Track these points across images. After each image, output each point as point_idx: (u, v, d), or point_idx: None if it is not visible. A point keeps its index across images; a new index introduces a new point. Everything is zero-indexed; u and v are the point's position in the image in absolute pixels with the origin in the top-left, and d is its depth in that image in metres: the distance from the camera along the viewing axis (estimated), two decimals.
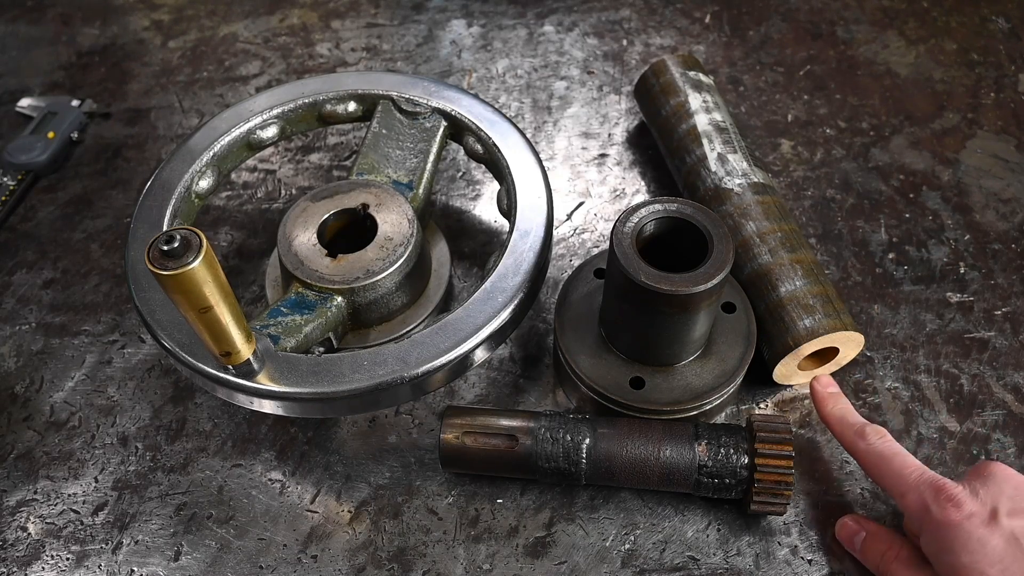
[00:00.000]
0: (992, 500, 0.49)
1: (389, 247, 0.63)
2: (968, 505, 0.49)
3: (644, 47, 0.95)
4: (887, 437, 0.56)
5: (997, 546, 0.48)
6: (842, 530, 0.58)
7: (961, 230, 0.76)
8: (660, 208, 0.57)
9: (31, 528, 0.61)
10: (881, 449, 0.55)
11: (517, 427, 0.58)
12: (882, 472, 0.54)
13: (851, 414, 0.58)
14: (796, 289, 0.62)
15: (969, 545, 0.48)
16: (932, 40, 0.94)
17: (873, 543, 0.56)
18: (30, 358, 0.71)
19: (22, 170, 0.83)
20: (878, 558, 0.55)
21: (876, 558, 0.55)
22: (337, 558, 0.59)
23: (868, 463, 0.55)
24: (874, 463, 0.55)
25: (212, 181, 0.69)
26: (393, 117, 0.72)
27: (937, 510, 0.50)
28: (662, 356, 0.60)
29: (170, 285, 0.44)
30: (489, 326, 0.57)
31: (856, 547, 0.57)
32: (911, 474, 0.52)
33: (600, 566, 0.58)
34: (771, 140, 0.84)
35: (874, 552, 0.55)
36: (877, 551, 0.55)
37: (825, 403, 0.60)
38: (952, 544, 0.49)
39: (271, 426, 0.65)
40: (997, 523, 0.48)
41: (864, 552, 0.56)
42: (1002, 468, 0.51)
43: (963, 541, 0.48)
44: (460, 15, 0.99)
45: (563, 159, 0.84)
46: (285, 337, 0.58)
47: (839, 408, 0.59)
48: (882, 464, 0.54)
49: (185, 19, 1.02)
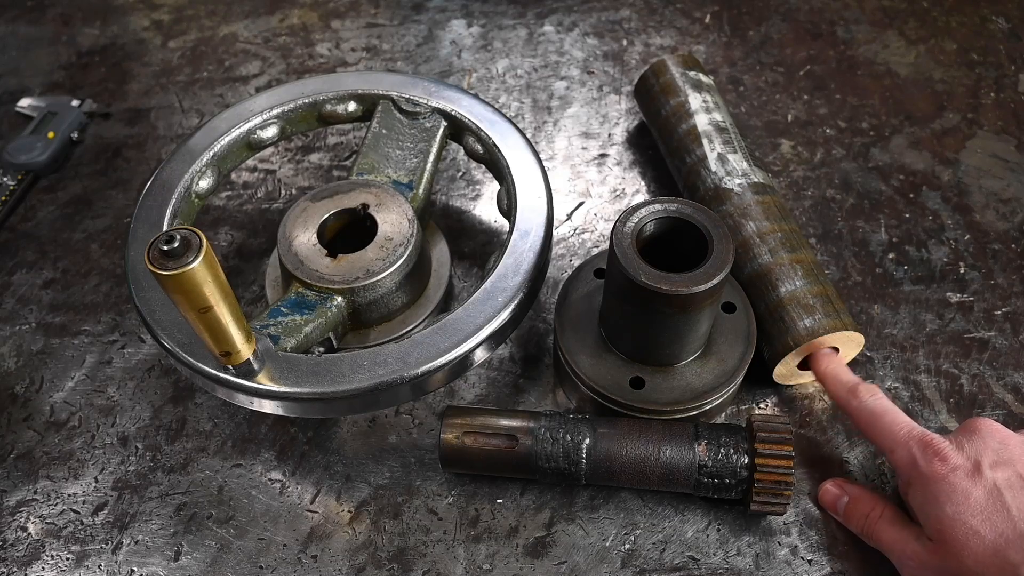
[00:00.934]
0: (977, 453, 0.51)
1: (389, 247, 0.63)
2: (953, 458, 0.51)
3: (644, 47, 0.95)
4: (879, 394, 0.57)
5: (979, 497, 0.50)
6: (825, 496, 0.59)
7: (961, 230, 0.76)
8: (660, 208, 0.57)
9: (31, 528, 0.61)
10: (872, 406, 0.56)
11: (517, 427, 0.58)
12: (873, 428, 0.56)
13: (844, 372, 0.59)
14: (796, 289, 0.62)
15: (954, 497, 0.50)
16: (932, 40, 0.94)
17: (856, 506, 0.57)
18: (30, 358, 0.71)
19: (22, 170, 0.83)
20: (862, 520, 0.56)
21: (860, 520, 0.56)
22: (337, 558, 0.59)
23: (860, 420, 0.57)
24: (866, 420, 0.56)
25: (212, 181, 0.69)
26: (393, 117, 0.72)
27: (924, 464, 0.52)
28: (662, 356, 0.60)
29: (170, 285, 0.44)
30: (489, 326, 0.57)
31: (839, 511, 0.58)
32: (900, 430, 0.54)
33: (600, 566, 0.58)
34: (771, 140, 0.84)
35: (857, 514, 0.56)
36: (860, 513, 0.56)
37: (819, 361, 0.61)
38: (938, 496, 0.51)
39: (271, 426, 0.65)
40: (981, 475, 0.50)
41: (848, 516, 0.57)
42: (988, 423, 0.53)
43: (948, 493, 0.50)
44: (460, 15, 0.99)
45: (563, 159, 0.84)
46: (285, 337, 0.58)
47: (833, 366, 0.60)
48: (873, 421, 0.56)
49: (185, 19, 1.02)
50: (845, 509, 0.57)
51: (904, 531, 0.54)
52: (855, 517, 0.57)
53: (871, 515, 0.56)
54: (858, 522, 0.56)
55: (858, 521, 0.56)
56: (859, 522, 0.56)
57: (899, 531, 0.54)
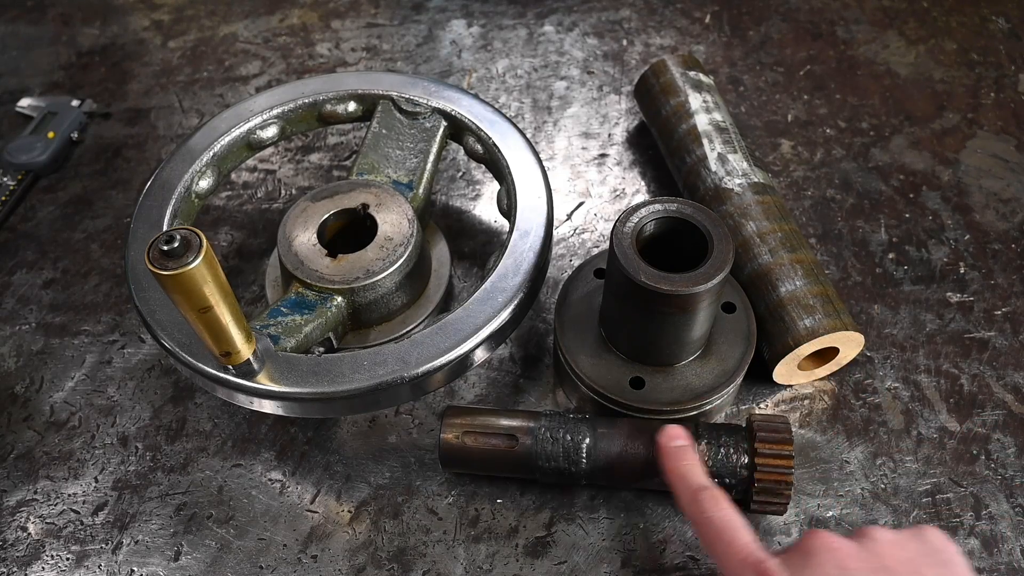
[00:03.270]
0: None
1: (389, 247, 0.63)
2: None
3: (644, 47, 0.95)
4: (721, 504, 0.51)
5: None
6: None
7: (961, 230, 0.76)
8: (660, 208, 0.57)
9: (31, 528, 0.61)
10: (714, 518, 0.50)
11: (517, 427, 0.58)
12: (713, 544, 0.50)
13: (692, 474, 0.53)
14: (796, 289, 0.62)
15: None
16: (932, 40, 0.94)
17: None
18: (30, 358, 0.71)
19: (22, 170, 0.83)
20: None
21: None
22: (337, 558, 0.59)
23: (699, 531, 0.52)
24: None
25: (212, 181, 0.69)
26: (393, 117, 0.72)
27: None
28: (662, 356, 0.60)
29: (170, 285, 0.44)
30: (489, 326, 0.57)
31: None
32: (737, 553, 0.48)
33: (600, 566, 0.58)
34: (771, 140, 0.84)
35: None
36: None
37: (668, 458, 0.55)
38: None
39: (271, 426, 0.65)
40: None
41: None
42: (825, 541, 0.47)
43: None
44: (460, 15, 0.99)
45: (563, 159, 0.84)
46: (285, 337, 0.58)
47: (683, 466, 0.54)
48: (714, 536, 0.50)
49: (185, 19, 1.02)
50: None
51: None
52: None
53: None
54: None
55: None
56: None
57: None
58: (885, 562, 0.46)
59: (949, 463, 0.62)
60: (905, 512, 0.59)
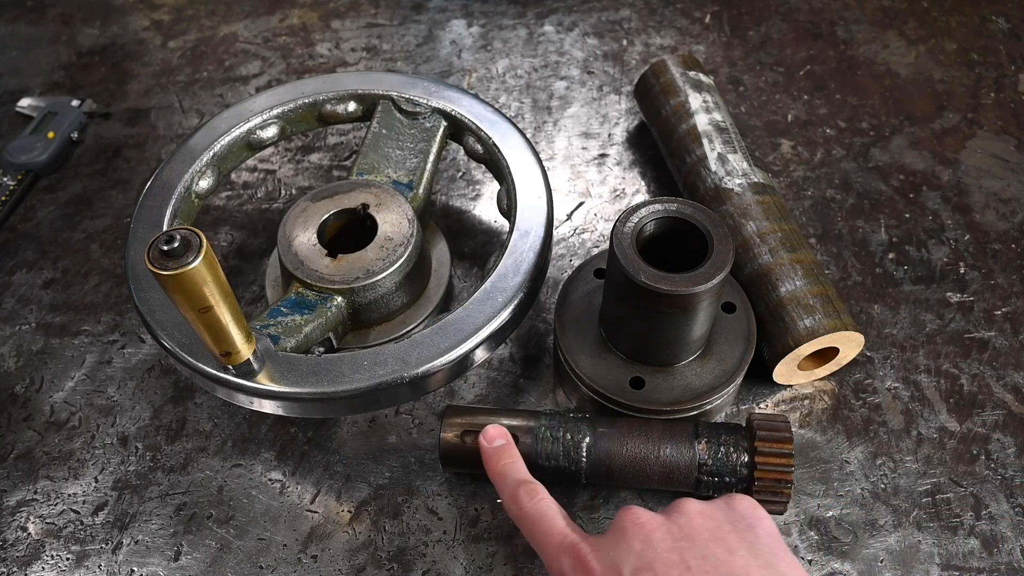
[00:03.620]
0: (619, 560, 0.46)
1: (389, 247, 0.63)
2: (596, 570, 0.46)
3: (644, 47, 0.95)
4: (539, 497, 0.52)
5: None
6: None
7: (961, 230, 0.76)
8: (660, 208, 0.57)
9: (31, 528, 0.61)
10: (530, 511, 0.51)
11: (517, 426, 0.58)
12: (532, 536, 0.51)
13: (513, 471, 0.54)
14: (796, 289, 0.62)
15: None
16: (932, 40, 0.94)
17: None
18: (30, 358, 0.71)
19: (22, 170, 0.83)
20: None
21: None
22: (337, 558, 0.59)
23: (522, 525, 0.52)
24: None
25: (212, 181, 0.69)
26: (393, 117, 0.72)
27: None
28: (662, 356, 0.60)
29: (170, 285, 0.44)
30: (489, 326, 0.57)
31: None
32: (553, 539, 0.49)
33: None
34: (771, 140, 0.84)
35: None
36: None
37: (490, 460, 0.55)
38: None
39: (271, 426, 0.65)
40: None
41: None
42: (634, 517, 0.49)
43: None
44: (460, 15, 0.99)
45: (563, 159, 0.84)
46: (285, 337, 0.58)
47: (502, 464, 0.55)
48: (532, 527, 0.51)
49: (185, 19, 1.02)
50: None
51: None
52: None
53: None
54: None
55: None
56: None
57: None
58: (690, 532, 0.47)
59: (949, 463, 0.62)
60: (905, 512, 0.59)
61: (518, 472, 0.54)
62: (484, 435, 0.56)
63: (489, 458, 0.56)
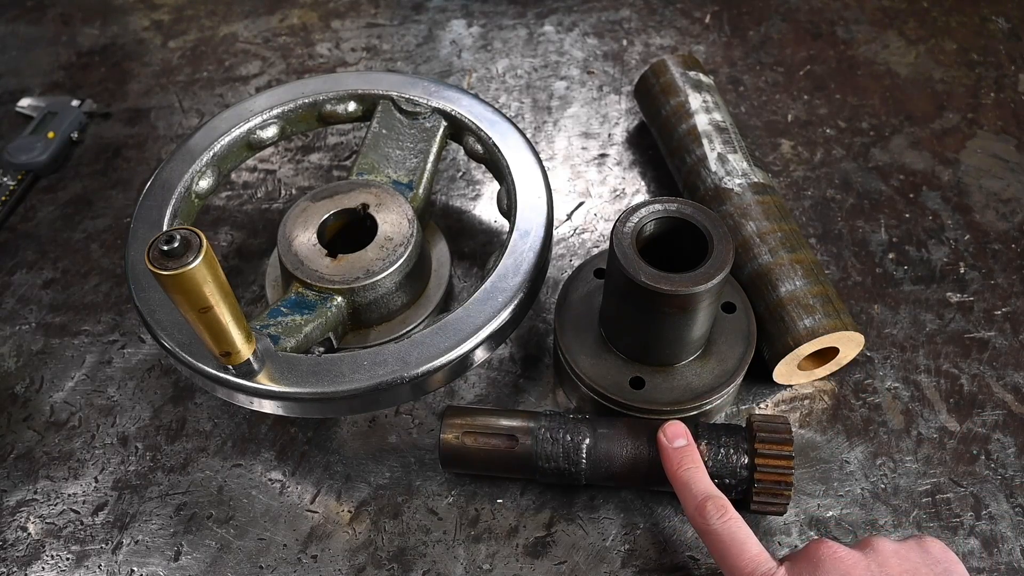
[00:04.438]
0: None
1: (389, 247, 0.63)
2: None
3: (644, 47, 0.95)
4: (728, 516, 0.51)
5: None
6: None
7: (961, 230, 0.76)
8: (660, 208, 0.57)
9: (31, 528, 0.61)
10: (720, 531, 0.51)
11: (517, 427, 0.58)
12: (723, 557, 0.51)
13: (697, 482, 0.53)
14: (796, 289, 0.62)
15: None
16: (932, 40, 0.94)
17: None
18: (30, 358, 0.71)
19: (22, 170, 0.83)
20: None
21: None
22: (337, 558, 0.59)
23: (708, 543, 0.52)
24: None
25: (212, 181, 0.69)
26: (393, 117, 0.72)
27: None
28: (662, 356, 0.60)
29: (170, 285, 0.44)
30: (489, 326, 0.57)
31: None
32: (746, 566, 0.49)
33: (600, 566, 0.58)
34: (771, 140, 0.84)
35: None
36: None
37: (671, 461, 0.54)
38: None
39: (271, 426, 0.65)
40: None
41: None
42: (830, 551, 0.48)
43: None
44: (460, 15, 0.99)
45: (563, 159, 0.84)
46: (285, 337, 0.58)
47: (687, 472, 0.54)
48: (723, 549, 0.50)
49: (185, 19, 1.02)
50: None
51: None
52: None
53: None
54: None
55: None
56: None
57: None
58: (889, 571, 0.47)
59: (949, 463, 0.62)
60: (905, 512, 0.59)
61: (703, 483, 0.53)
62: (664, 432, 0.55)
63: (670, 459, 0.54)
